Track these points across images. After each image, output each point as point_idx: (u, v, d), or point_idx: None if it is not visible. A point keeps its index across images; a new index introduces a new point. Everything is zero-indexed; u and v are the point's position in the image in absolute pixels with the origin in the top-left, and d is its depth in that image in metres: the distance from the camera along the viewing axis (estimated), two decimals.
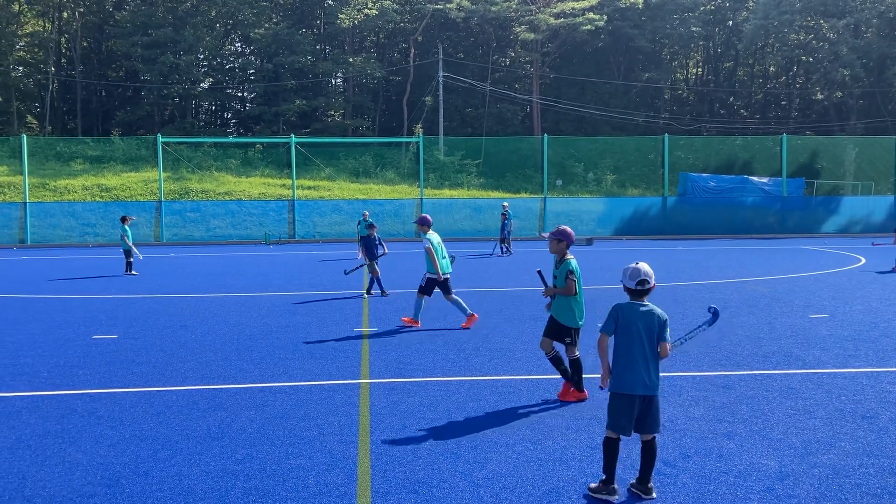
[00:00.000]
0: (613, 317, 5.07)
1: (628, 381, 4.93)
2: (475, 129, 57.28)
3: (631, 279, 5.09)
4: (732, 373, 8.30)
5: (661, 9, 57.96)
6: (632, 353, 4.95)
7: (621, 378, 4.97)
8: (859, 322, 11.41)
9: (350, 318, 12.14)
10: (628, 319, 5.00)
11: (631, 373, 4.93)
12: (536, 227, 36.17)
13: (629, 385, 4.93)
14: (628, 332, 4.98)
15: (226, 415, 6.87)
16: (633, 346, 4.96)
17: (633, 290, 5.09)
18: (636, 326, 4.97)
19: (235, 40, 62.15)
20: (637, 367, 4.94)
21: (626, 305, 5.07)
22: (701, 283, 16.72)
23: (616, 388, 4.99)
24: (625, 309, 5.05)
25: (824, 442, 6.01)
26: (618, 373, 4.99)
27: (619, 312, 5.06)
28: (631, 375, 4.93)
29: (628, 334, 4.98)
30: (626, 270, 5.14)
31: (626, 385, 4.94)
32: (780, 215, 37.31)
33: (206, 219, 34.37)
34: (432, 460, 5.66)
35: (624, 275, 5.15)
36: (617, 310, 5.07)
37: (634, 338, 4.96)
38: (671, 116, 58.83)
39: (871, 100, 56.93)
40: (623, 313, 5.03)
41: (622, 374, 4.96)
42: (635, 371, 4.93)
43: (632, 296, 5.11)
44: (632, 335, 4.97)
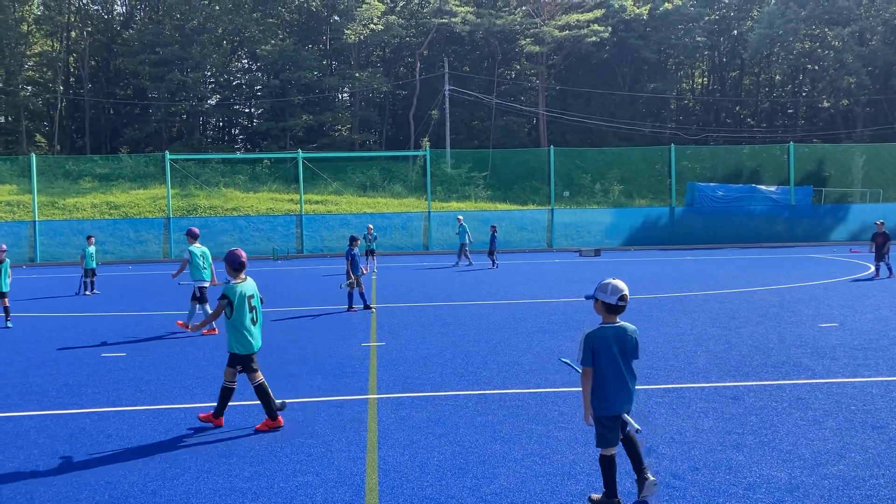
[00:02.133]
0: (589, 347, 4.93)
1: (614, 403, 4.91)
2: (482, 142, 57.42)
3: (612, 295, 4.92)
4: (741, 383, 8.26)
5: (666, 19, 58.06)
6: (612, 377, 4.90)
7: (607, 401, 4.91)
8: (869, 331, 11.35)
9: (358, 333, 12.14)
10: (602, 345, 4.91)
11: (615, 395, 4.90)
12: (545, 239, 36.15)
13: (616, 407, 4.92)
14: (604, 356, 4.90)
15: (233, 432, 6.87)
16: (611, 370, 4.90)
17: (612, 307, 4.93)
18: (610, 349, 4.91)
19: (242, 57, 62.56)
20: (619, 388, 4.92)
21: (596, 332, 4.95)
22: (710, 292, 16.66)
23: (603, 411, 4.93)
24: (596, 336, 4.93)
25: (834, 453, 5.97)
26: (602, 397, 4.92)
27: (592, 342, 4.93)
28: (615, 398, 4.90)
29: (605, 359, 4.90)
30: (607, 287, 4.96)
31: (613, 407, 4.92)
32: (789, 224, 37.18)
33: (215, 235, 34.46)
34: (440, 476, 5.65)
35: (603, 291, 4.96)
36: (589, 339, 4.94)
37: (609, 361, 4.90)
38: (677, 126, 58.83)
39: (878, 107, 56.79)
40: (596, 341, 4.92)
41: (607, 398, 4.91)
42: (618, 393, 4.91)
43: (607, 311, 4.97)
44: (608, 359, 4.90)
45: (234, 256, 7.20)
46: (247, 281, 7.25)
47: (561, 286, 18.73)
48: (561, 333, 11.67)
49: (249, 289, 7.18)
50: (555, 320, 13.03)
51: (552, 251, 34.58)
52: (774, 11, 55.02)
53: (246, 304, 7.08)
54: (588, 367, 4.95)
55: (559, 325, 12.45)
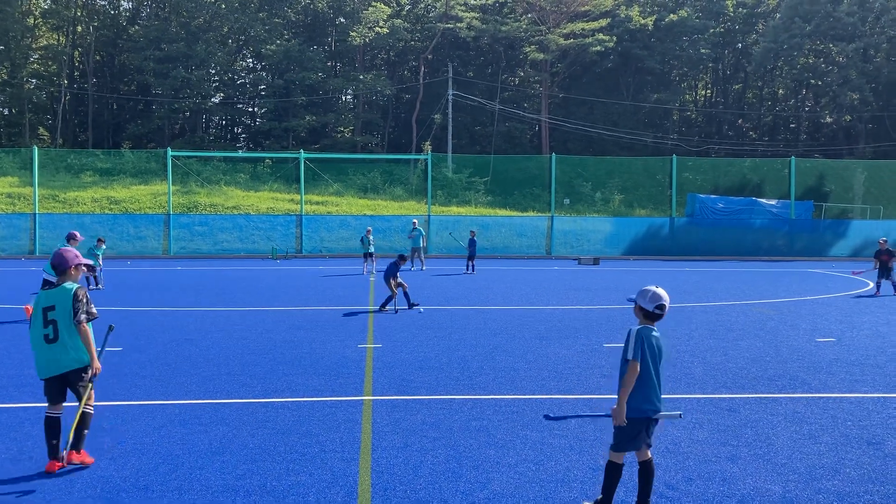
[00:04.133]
0: (640, 343, 4.95)
1: (650, 405, 4.95)
2: (484, 147, 57.47)
3: (651, 302, 5.03)
4: (737, 396, 8.25)
5: (671, 31, 58.18)
6: (651, 378, 4.96)
7: (644, 403, 4.94)
8: (866, 347, 11.34)
9: (355, 335, 12.12)
10: (650, 344, 4.97)
11: (652, 396, 4.95)
12: (544, 246, 36.15)
13: (651, 409, 4.96)
14: (650, 357, 4.96)
15: (228, 430, 6.86)
16: (651, 371, 4.96)
17: (650, 314, 5.03)
18: (654, 351, 4.98)
19: (247, 56, 62.69)
20: (656, 390, 4.97)
21: (645, 330, 5.00)
22: (708, 304, 16.66)
23: (638, 413, 4.93)
24: (647, 334, 4.99)
25: (829, 468, 5.96)
26: (640, 397, 4.94)
27: (645, 337, 4.98)
28: (652, 399, 4.95)
29: (649, 359, 4.96)
30: (647, 293, 5.07)
31: (648, 409, 4.95)
32: (789, 238, 37.19)
33: (214, 232, 34.48)
34: (433, 479, 5.63)
35: (643, 297, 5.07)
36: (641, 335, 4.98)
37: (652, 363, 4.96)
38: (680, 137, 58.88)
39: (880, 124, 56.87)
40: (647, 340, 4.98)
41: (645, 399, 4.94)
42: (655, 394, 4.96)
43: (646, 318, 5.06)
44: (650, 360, 4.96)
45: (53, 256, 5.94)
46: (60, 287, 5.83)
47: (559, 294, 18.73)
48: (557, 341, 11.66)
49: (51, 297, 5.77)
50: (552, 327, 13.02)
51: (551, 258, 34.57)
52: (779, 25, 55.12)
53: (40, 317, 5.76)
54: (637, 360, 4.94)
55: (556, 333, 12.44)
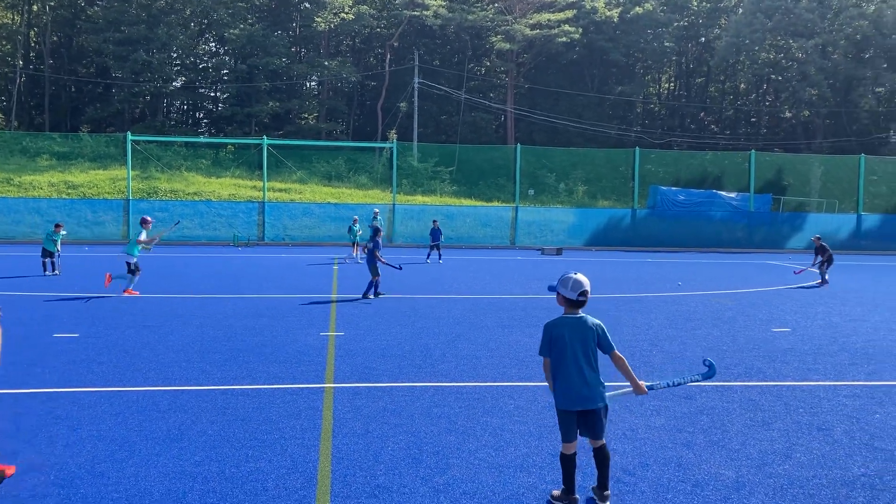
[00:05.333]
0: (546, 338, 4.95)
1: (567, 397, 4.85)
2: (449, 137, 57.46)
3: (573, 290, 4.89)
4: (694, 384, 8.39)
5: (636, 23, 58.65)
6: (566, 369, 4.84)
7: (560, 395, 4.89)
8: (819, 336, 11.61)
9: (317, 322, 12.07)
10: (559, 335, 4.88)
11: (568, 389, 4.84)
12: (508, 237, 36.29)
13: (568, 401, 4.86)
14: (560, 347, 4.87)
15: (186, 416, 6.79)
16: (566, 362, 4.85)
17: (573, 302, 4.92)
18: (567, 340, 4.85)
19: (210, 40, 61.70)
20: (572, 382, 4.83)
21: (556, 321, 4.95)
22: (668, 294, 16.90)
23: (558, 405, 4.93)
24: (556, 325, 4.93)
25: (780, 453, 6.10)
26: (558, 389, 4.90)
27: (549, 331, 4.94)
28: (568, 392, 4.84)
29: (561, 350, 4.87)
30: (568, 281, 4.92)
31: (566, 401, 4.87)
32: (747, 230, 37.84)
33: (175, 219, 33.99)
34: (393, 465, 5.65)
35: (564, 285, 4.93)
36: (547, 329, 4.96)
37: (567, 352, 4.84)
38: (643, 130, 59.49)
39: (838, 119, 58.08)
40: (554, 330, 4.92)
41: (560, 392, 4.88)
42: (571, 387, 4.83)
43: (568, 307, 4.96)
44: (564, 350, 4.85)
45: None
46: None
47: (522, 283, 18.84)
48: (520, 329, 11.74)
49: None
50: (514, 316, 13.11)
51: (515, 248, 34.74)
52: (742, 21, 55.90)
53: None
54: (545, 356, 4.95)
55: (518, 321, 12.53)
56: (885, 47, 54.78)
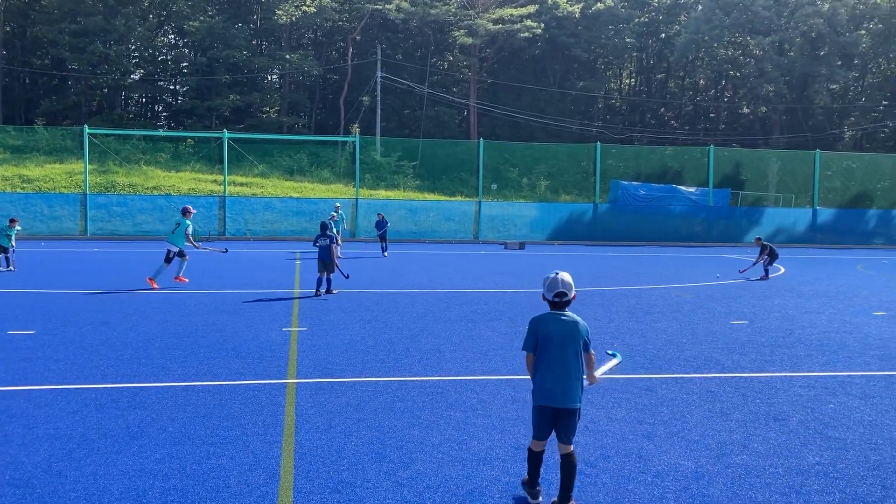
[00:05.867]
0: (532, 332, 4.90)
1: (548, 394, 4.80)
2: (412, 131, 57.33)
3: (549, 291, 4.88)
4: (654, 376, 8.51)
5: (597, 19, 59.09)
6: (550, 365, 4.80)
7: (541, 390, 4.83)
8: (776, 329, 11.85)
9: (279, 318, 11.98)
10: (547, 331, 4.84)
11: (550, 385, 4.79)
12: (471, 231, 36.37)
13: (547, 397, 4.80)
14: (547, 344, 4.82)
15: (146, 413, 6.70)
16: (552, 359, 4.81)
17: (551, 302, 4.91)
18: (556, 338, 4.81)
19: (169, 32, 60.71)
20: (556, 378, 4.79)
21: (543, 317, 4.91)
22: (628, 288, 17.10)
23: (536, 400, 4.87)
24: (543, 321, 4.88)
25: (738, 443, 6.22)
26: (538, 385, 4.86)
27: (536, 326, 4.89)
28: (550, 387, 4.79)
29: (547, 347, 4.82)
30: (546, 280, 4.93)
31: (545, 397, 4.81)
32: (706, 224, 38.45)
33: (133, 213, 33.46)
34: (357, 460, 5.64)
35: (543, 284, 4.95)
36: (534, 323, 4.91)
37: (553, 349, 4.80)
38: (604, 125, 60.03)
39: (794, 116, 59.22)
40: (541, 326, 4.87)
41: (542, 387, 4.83)
42: (553, 383, 4.79)
43: (551, 306, 4.93)
44: (551, 347, 4.81)
45: None
46: None
47: (485, 277, 18.91)
48: (483, 323, 11.79)
49: None
50: (477, 310, 13.16)
51: (478, 243, 34.84)
52: (701, 17, 56.67)
53: None
54: (530, 352, 4.91)
55: (481, 315, 12.57)
56: (839, 45, 55.99)
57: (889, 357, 9.81)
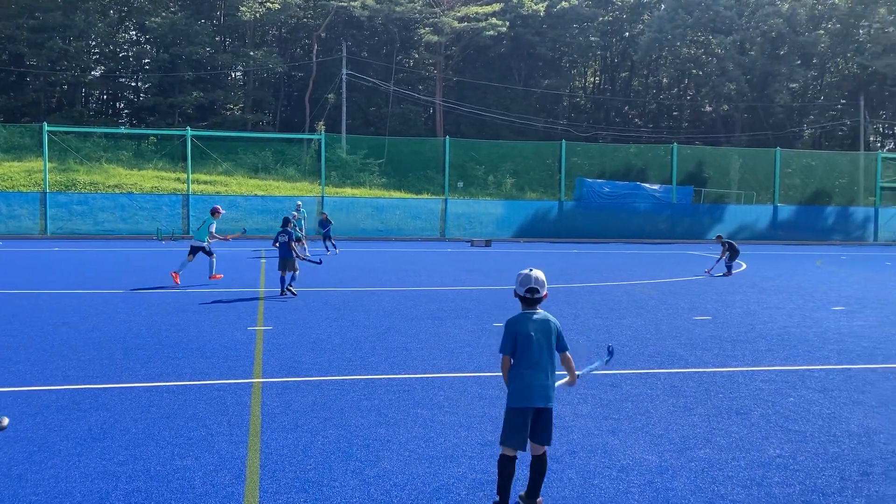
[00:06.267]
0: (511, 334, 4.78)
1: (527, 394, 4.69)
2: (378, 129, 57.15)
3: (521, 286, 4.83)
4: (619, 372, 8.61)
5: (562, 18, 59.43)
6: (530, 365, 4.72)
7: (520, 392, 4.71)
8: (738, 324, 12.05)
9: (244, 317, 11.88)
10: (525, 332, 4.75)
11: (529, 385, 4.70)
12: (438, 229, 36.38)
13: (527, 398, 4.69)
14: (526, 345, 4.73)
15: (109, 415, 6.61)
16: (530, 358, 4.72)
17: (524, 298, 4.85)
18: (533, 336, 4.74)
19: (130, 28, 59.69)
20: (536, 378, 4.71)
21: (519, 318, 4.83)
22: (593, 284, 17.25)
23: (515, 402, 4.72)
24: (519, 322, 4.80)
25: (701, 437, 6.32)
26: (516, 386, 4.73)
27: (514, 328, 4.79)
28: (529, 388, 4.70)
29: (526, 347, 4.73)
30: (519, 276, 4.88)
31: (525, 398, 4.70)
32: (670, 221, 38.92)
33: (94, 212, 32.90)
34: (323, 459, 5.62)
35: (516, 280, 4.89)
36: (511, 325, 4.81)
37: (532, 349, 4.73)
38: (569, 123, 60.39)
39: (755, 114, 60.19)
40: (517, 327, 4.78)
41: (521, 388, 4.71)
42: (534, 383, 4.70)
43: (523, 304, 4.88)
44: (530, 348, 4.73)
45: None
46: None
47: (452, 275, 18.94)
48: (450, 321, 11.81)
49: None
50: (444, 307, 13.17)
51: (445, 241, 34.88)
52: (664, 16, 57.32)
53: None
54: (506, 354, 4.78)
55: (448, 313, 12.59)
56: (798, 44, 57.04)
57: (847, 351, 10.03)
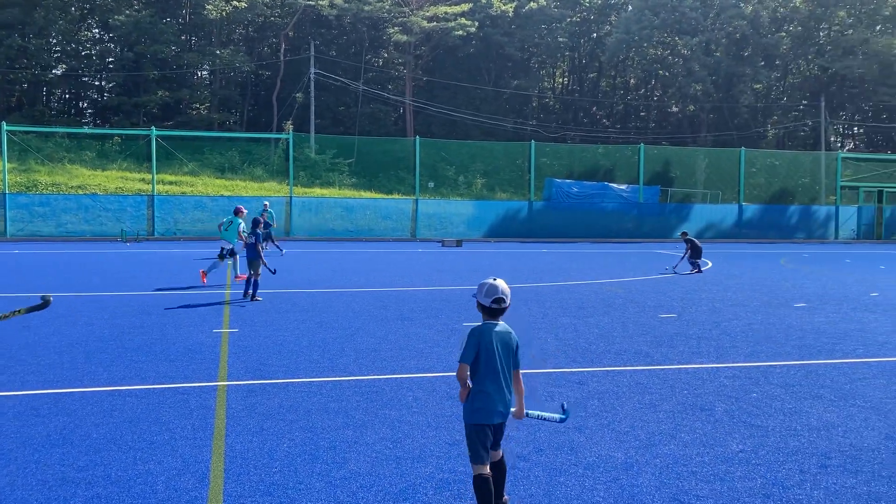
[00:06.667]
0: (474, 344, 4.53)
1: (491, 410, 4.52)
2: (347, 128, 56.93)
3: (487, 296, 4.59)
4: (586, 369, 8.65)
5: (530, 18, 59.72)
6: (493, 380, 4.53)
7: (485, 408, 4.52)
8: (703, 321, 12.18)
9: (210, 319, 11.75)
10: (489, 343, 4.55)
11: (494, 402, 4.52)
12: (409, 229, 36.34)
13: (491, 415, 4.53)
14: (489, 358, 4.53)
15: (69, 420, 6.48)
16: (493, 372, 4.53)
17: (488, 309, 4.63)
18: (495, 349, 4.55)
19: (93, 26, 58.79)
20: (500, 394, 4.54)
21: (483, 328, 4.61)
22: (562, 283, 17.34)
23: (481, 419, 4.51)
24: (483, 333, 4.58)
25: (667, 434, 6.37)
26: (481, 402, 4.53)
27: (478, 338, 4.55)
28: (494, 404, 4.52)
29: (488, 359, 4.53)
30: (483, 286, 4.63)
31: (490, 415, 4.53)
32: (637, 221, 39.28)
33: (57, 213, 32.36)
34: (289, 462, 5.57)
35: (479, 291, 4.64)
36: (476, 335, 4.57)
37: (496, 364, 4.54)
38: (538, 123, 60.72)
39: (720, 114, 61.00)
40: (483, 338, 4.55)
41: (486, 404, 4.52)
42: (495, 398, 4.53)
43: (486, 314, 4.66)
44: (493, 361, 4.53)
45: None
46: None
47: (422, 275, 18.92)
48: (420, 321, 11.79)
49: None
50: (414, 308, 13.15)
51: (416, 241, 34.84)
52: (631, 17, 57.87)
53: None
54: (465, 363, 4.52)
55: (418, 314, 12.57)
56: (762, 46, 57.93)
57: (808, 346, 10.19)
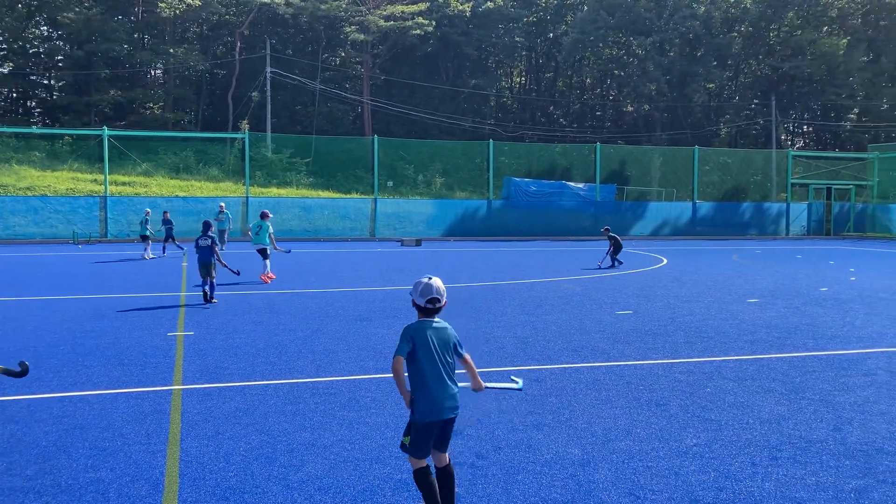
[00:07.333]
0: (408, 340, 4.50)
1: (437, 407, 4.49)
2: (305, 128, 56.47)
3: (422, 296, 4.56)
4: (544, 367, 8.71)
5: (488, 18, 59.91)
6: (433, 376, 4.50)
7: (430, 407, 4.49)
8: (658, 318, 12.35)
9: (164, 322, 11.56)
10: (425, 340, 4.51)
11: (438, 398, 4.49)
12: (367, 229, 36.19)
13: (438, 412, 4.49)
14: (427, 355, 4.50)
15: (17, 428, 6.32)
16: (432, 368, 4.50)
17: (423, 308, 4.60)
18: (432, 345, 4.52)
19: (41, 23, 57.36)
20: (443, 390, 4.51)
21: (418, 325, 4.58)
22: (520, 281, 17.43)
23: (426, 417, 4.48)
24: (418, 330, 4.55)
25: (622, 429, 6.44)
26: (425, 401, 4.49)
27: (413, 334, 4.53)
28: (439, 401, 4.49)
29: (427, 358, 4.49)
30: (418, 286, 4.60)
31: (436, 412, 4.49)
32: (594, 219, 39.67)
33: (5, 215, 31.53)
34: (245, 466, 5.50)
35: (415, 290, 4.61)
36: (410, 332, 4.54)
37: (435, 360, 4.50)
38: (496, 123, 60.93)
39: (674, 113, 61.92)
40: (418, 335, 4.53)
41: (430, 402, 4.49)
42: (442, 395, 4.50)
43: (421, 313, 4.63)
44: (431, 358, 4.50)
45: None
46: None
47: (381, 275, 18.86)
48: (379, 321, 11.75)
49: None
50: (373, 308, 13.10)
51: (375, 241, 34.72)
52: (586, 17, 58.42)
53: None
54: (401, 356, 4.49)
55: (377, 314, 12.53)
56: (715, 46, 58.95)
57: (760, 341, 10.40)
